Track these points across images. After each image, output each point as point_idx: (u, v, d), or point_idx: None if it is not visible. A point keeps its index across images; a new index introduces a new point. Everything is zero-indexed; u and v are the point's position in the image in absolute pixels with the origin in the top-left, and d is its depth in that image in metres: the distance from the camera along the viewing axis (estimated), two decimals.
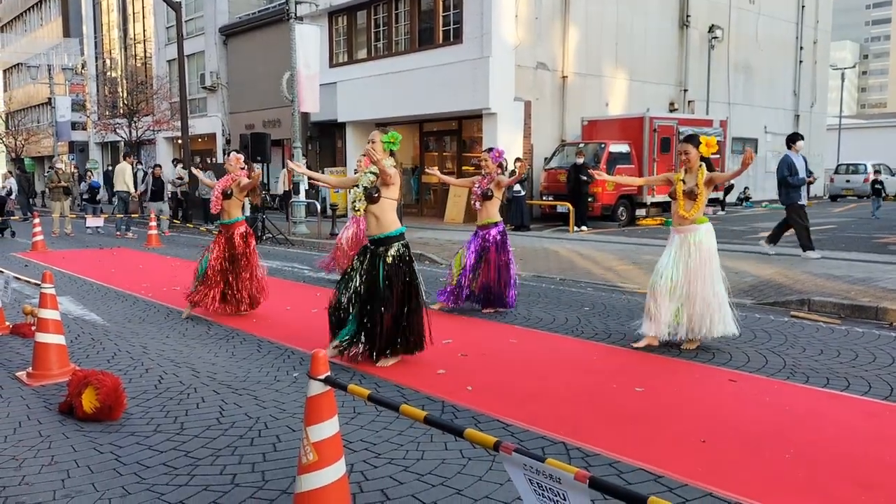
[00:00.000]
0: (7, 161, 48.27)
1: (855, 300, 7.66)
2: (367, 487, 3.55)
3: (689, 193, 5.95)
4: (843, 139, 40.72)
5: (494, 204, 7.85)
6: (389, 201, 5.57)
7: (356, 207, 5.65)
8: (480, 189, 7.85)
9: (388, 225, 5.57)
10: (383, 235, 5.57)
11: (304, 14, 21.88)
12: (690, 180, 6.00)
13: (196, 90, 29.75)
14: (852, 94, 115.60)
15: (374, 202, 5.52)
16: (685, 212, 5.98)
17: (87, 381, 4.52)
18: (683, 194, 5.97)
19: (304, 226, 17.25)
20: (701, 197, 5.93)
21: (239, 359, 6.00)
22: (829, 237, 14.37)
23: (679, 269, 5.93)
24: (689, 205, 5.97)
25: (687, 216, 5.97)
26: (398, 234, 5.62)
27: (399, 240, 5.62)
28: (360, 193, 5.60)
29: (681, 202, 6.00)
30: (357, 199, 5.62)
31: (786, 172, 11.02)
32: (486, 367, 5.62)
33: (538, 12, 19.30)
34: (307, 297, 8.91)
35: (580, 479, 1.99)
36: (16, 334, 6.95)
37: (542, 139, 19.68)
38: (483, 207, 7.86)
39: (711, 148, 5.91)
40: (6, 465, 3.86)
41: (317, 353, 3.09)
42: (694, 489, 3.45)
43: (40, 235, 14.71)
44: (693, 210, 5.95)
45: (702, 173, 5.97)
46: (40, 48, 44.99)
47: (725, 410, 4.57)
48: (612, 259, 11.64)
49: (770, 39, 26.86)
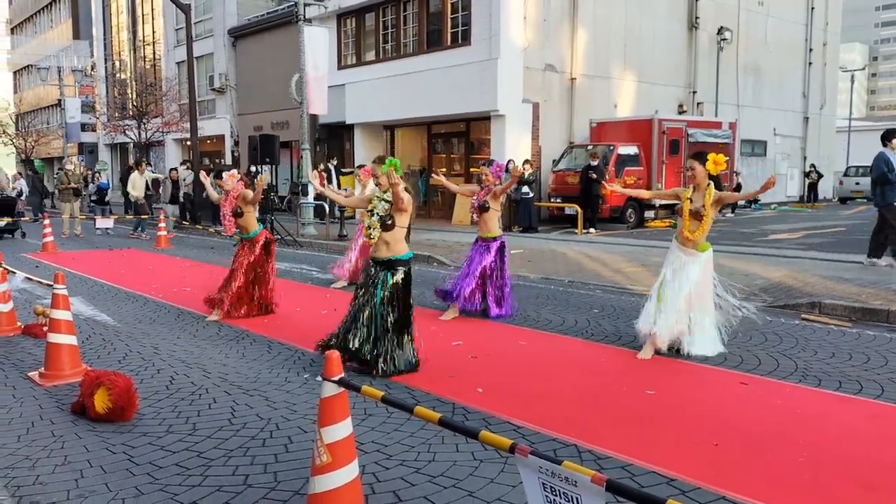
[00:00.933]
0: (17, 162, 48.57)
1: (866, 303, 7.62)
2: (379, 489, 3.55)
3: (696, 214, 5.80)
4: (853, 141, 40.58)
5: (493, 216, 7.62)
6: (401, 229, 5.59)
7: (371, 235, 5.66)
8: (477, 201, 7.68)
9: (399, 250, 5.60)
10: (394, 258, 5.58)
11: (313, 16, 21.93)
12: (698, 199, 5.84)
13: (205, 92, 29.85)
14: (862, 96, 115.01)
15: (389, 230, 5.55)
16: (689, 233, 5.83)
17: (100, 381, 4.54)
18: (690, 214, 5.83)
19: (313, 227, 17.28)
20: (706, 219, 5.77)
21: (249, 360, 6.01)
22: (839, 240, 14.31)
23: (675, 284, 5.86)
24: (694, 225, 5.82)
25: (691, 238, 5.83)
26: (406, 259, 5.64)
27: (406, 265, 5.63)
28: (374, 222, 5.62)
29: (686, 222, 5.85)
30: (372, 227, 5.64)
31: (884, 168, 10.06)
32: (495, 369, 5.62)
33: (546, 14, 19.29)
34: (317, 298, 8.93)
35: (597, 481, 1.99)
36: (28, 335, 6.99)
37: (551, 141, 19.66)
38: (481, 220, 7.66)
39: (719, 166, 5.72)
40: (20, 465, 3.89)
41: (330, 354, 3.10)
42: (707, 492, 3.45)
43: (50, 236, 14.78)
44: (698, 232, 5.80)
45: (709, 193, 5.79)
46: (50, 50, 45.29)
47: (737, 413, 4.56)
48: (620, 261, 11.62)
49: (779, 41, 26.77)
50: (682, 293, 5.81)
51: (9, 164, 51.77)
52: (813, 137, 29.03)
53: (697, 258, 5.85)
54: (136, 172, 19.07)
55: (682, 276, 5.84)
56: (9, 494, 3.53)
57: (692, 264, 5.85)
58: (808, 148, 28.84)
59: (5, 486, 3.62)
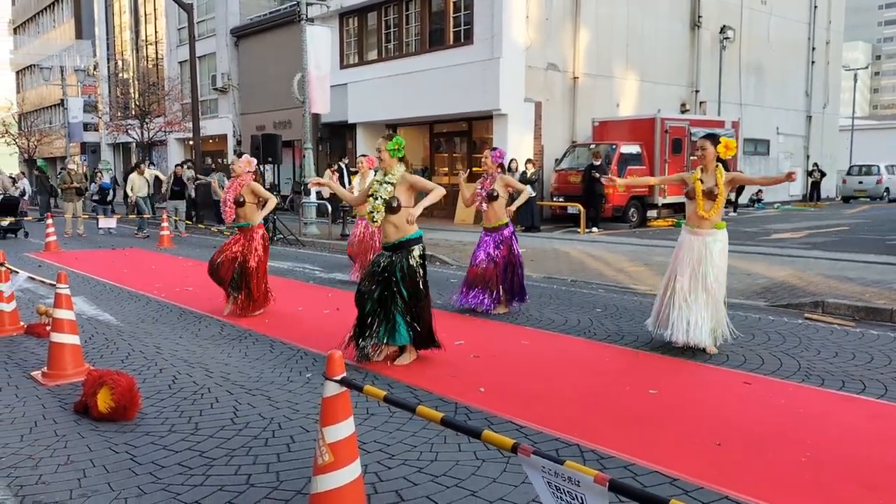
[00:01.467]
0: (20, 162, 48.64)
1: (869, 302, 7.60)
2: (381, 489, 3.55)
3: (709, 193, 5.82)
4: (856, 140, 40.44)
5: (501, 204, 7.71)
6: (407, 209, 5.58)
7: (374, 219, 5.65)
8: (485, 190, 7.72)
9: (407, 229, 5.60)
10: (404, 239, 5.61)
11: (315, 15, 21.94)
12: (709, 180, 5.88)
13: (207, 91, 29.86)
14: (865, 94, 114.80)
15: (395, 212, 5.55)
16: (704, 212, 5.84)
17: (103, 380, 4.54)
18: (704, 194, 5.85)
19: (315, 227, 17.29)
20: (720, 197, 5.81)
21: (252, 359, 6.01)
22: (842, 239, 14.28)
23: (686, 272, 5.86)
24: (708, 205, 5.83)
25: (707, 217, 5.84)
26: (417, 237, 5.68)
27: (418, 242, 5.67)
28: (378, 205, 5.59)
29: (700, 202, 5.85)
30: (376, 210, 5.61)
31: None
32: (498, 369, 5.61)
33: (549, 13, 19.28)
34: (319, 297, 8.93)
35: (600, 481, 1.98)
36: (31, 334, 7.00)
37: (553, 140, 19.64)
38: (490, 209, 7.71)
39: (730, 150, 5.82)
40: (23, 465, 3.89)
41: (332, 354, 3.09)
42: (710, 492, 3.44)
43: (53, 236, 14.81)
44: (713, 211, 5.83)
45: (720, 173, 5.86)
46: (53, 50, 45.29)
47: (739, 413, 4.55)
48: (623, 260, 11.61)
49: (782, 40, 26.73)
50: (708, 280, 5.79)
51: (12, 164, 51.93)
52: (816, 136, 28.98)
53: (716, 234, 5.85)
54: (136, 174, 19.09)
55: (706, 261, 5.81)
56: (11, 494, 3.53)
57: (714, 243, 5.83)
58: (811, 147, 28.80)
59: (8, 485, 3.62)
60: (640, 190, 17.99)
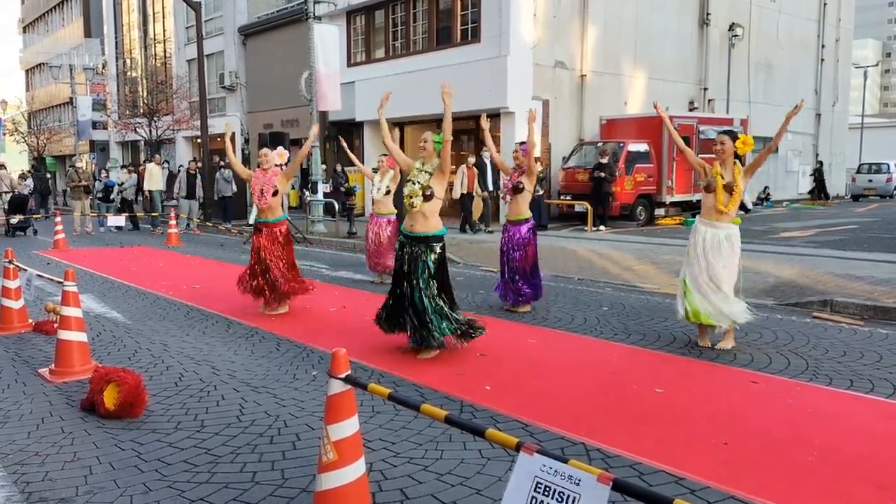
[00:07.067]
0: (30, 159, 48.89)
1: (878, 301, 7.55)
2: (386, 487, 3.55)
3: (727, 187, 5.91)
4: (866, 138, 40.16)
5: (525, 198, 7.73)
6: (439, 202, 5.78)
7: (413, 204, 5.76)
8: (511, 182, 7.74)
9: (435, 225, 5.79)
10: (430, 234, 5.75)
11: (323, 13, 21.90)
12: (727, 174, 5.98)
13: (215, 90, 29.92)
14: (874, 92, 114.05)
15: (429, 200, 5.71)
16: (723, 206, 5.91)
17: (109, 378, 4.56)
18: (724, 188, 5.91)
19: (322, 225, 17.30)
20: (737, 190, 5.90)
21: (258, 357, 6.02)
22: (852, 237, 14.19)
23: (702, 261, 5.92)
24: (726, 198, 5.91)
25: (725, 211, 5.92)
26: (441, 235, 5.82)
27: (441, 241, 5.81)
28: (416, 190, 5.74)
29: (720, 196, 5.91)
30: (414, 195, 5.74)
31: None
32: (504, 367, 5.60)
33: (556, 11, 19.22)
34: (326, 295, 8.93)
35: (603, 480, 1.97)
36: (38, 331, 7.03)
37: (561, 138, 19.59)
38: (514, 201, 7.75)
39: (748, 146, 5.90)
40: (29, 461, 3.90)
41: (337, 352, 3.09)
42: (716, 492, 3.42)
43: (62, 234, 14.88)
44: (730, 204, 5.92)
45: (737, 169, 5.96)
46: (62, 48, 45.51)
47: (747, 412, 4.52)
48: (630, 259, 11.57)
49: (791, 38, 26.57)
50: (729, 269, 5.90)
51: (22, 162, 52.22)
52: (825, 134, 28.80)
53: (730, 228, 5.95)
54: (154, 164, 19.12)
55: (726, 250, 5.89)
56: (18, 490, 3.54)
57: (729, 238, 5.91)
58: (821, 145, 28.62)
59: (15, 482, 3.64)
60: (647, 188, 17.93)
